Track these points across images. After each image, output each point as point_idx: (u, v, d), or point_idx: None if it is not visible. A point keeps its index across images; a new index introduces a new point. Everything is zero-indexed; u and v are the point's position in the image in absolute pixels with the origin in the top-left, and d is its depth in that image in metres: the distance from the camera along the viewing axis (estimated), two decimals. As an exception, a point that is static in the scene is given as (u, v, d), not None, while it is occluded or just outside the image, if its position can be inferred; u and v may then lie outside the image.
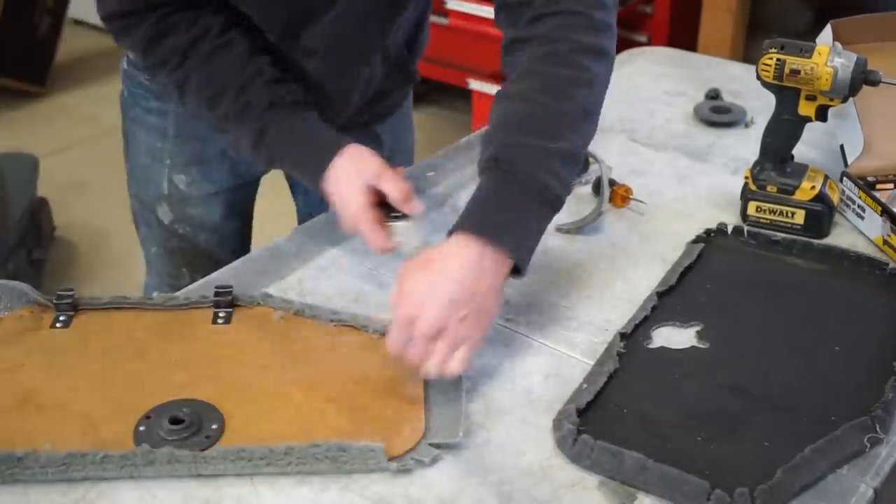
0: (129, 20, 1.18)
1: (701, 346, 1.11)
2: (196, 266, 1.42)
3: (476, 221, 1.01)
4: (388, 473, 0.93)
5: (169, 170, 1.39)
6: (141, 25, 1.18)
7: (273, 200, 1.72)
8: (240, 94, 1.18)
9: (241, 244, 1.49)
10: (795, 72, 1.24)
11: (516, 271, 1.03)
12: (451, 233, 1.02)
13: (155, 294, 1.25)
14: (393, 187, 1.14)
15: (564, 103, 1.06)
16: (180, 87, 1.22)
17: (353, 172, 1.15)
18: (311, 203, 1.48)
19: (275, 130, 1.19)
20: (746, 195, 1.33)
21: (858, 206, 1.31)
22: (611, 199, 1.37)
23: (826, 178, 1.32)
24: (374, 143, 1.36)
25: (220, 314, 1.12)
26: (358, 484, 0.93)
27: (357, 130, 1.32)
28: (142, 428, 0.96)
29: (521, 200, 1.02)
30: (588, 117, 1.09)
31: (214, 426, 0.96)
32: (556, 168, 1.03)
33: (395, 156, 1.49)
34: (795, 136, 1.31)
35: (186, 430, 0.95)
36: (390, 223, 1.16)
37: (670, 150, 1.55)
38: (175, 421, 0.96)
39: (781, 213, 1.31)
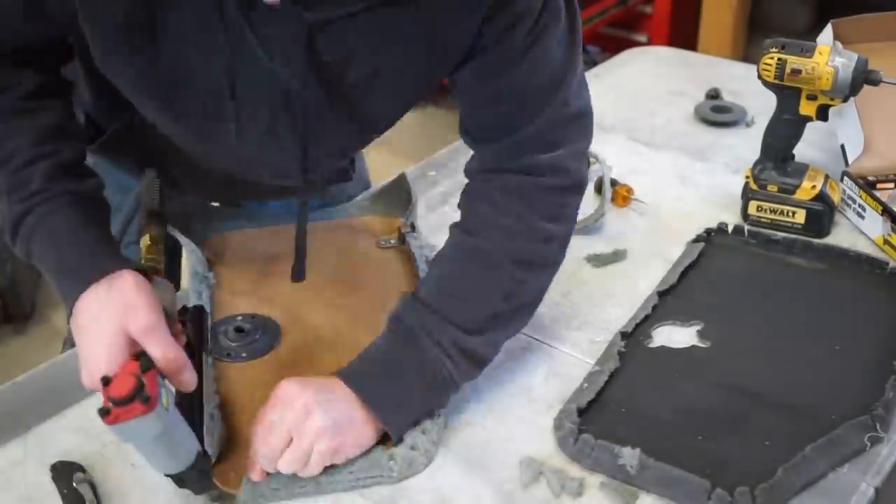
0: None
1: (701, 345, 1.11)
2: None
3: (361, 379, 0.95)
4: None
5: None
6: None
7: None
8: (21, 170, 0.94)
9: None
10: (796, 71, 1.24)
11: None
12: (340, 373, 0.96)
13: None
14: (162, 353, 0.85)
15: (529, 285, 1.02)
16: None
17: (107, 315, 0.86)
18: None
19: (35, 219, 0.93)
20: (747, 194, 1.34)
21: (859, 205, 1.31)
22: (612, 199, 1.37)
23: (827, 177, 1.32)
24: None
25: None
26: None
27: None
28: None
29: (409, 377, 0.96)
30: (536, 302, 1.04)
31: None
32: (462, 345, 0.97)
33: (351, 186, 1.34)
34: (796, 136, 1.31)
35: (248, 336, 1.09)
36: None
37: (671, 149, 1.55)
38: (238, 330, 1.10)
39: (782, 212, 1.31)
